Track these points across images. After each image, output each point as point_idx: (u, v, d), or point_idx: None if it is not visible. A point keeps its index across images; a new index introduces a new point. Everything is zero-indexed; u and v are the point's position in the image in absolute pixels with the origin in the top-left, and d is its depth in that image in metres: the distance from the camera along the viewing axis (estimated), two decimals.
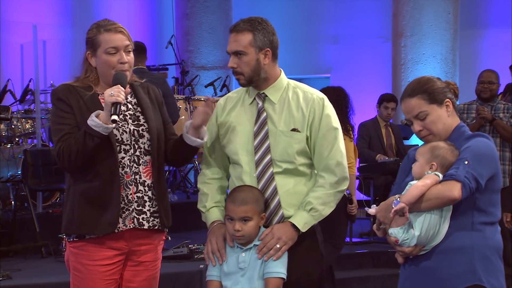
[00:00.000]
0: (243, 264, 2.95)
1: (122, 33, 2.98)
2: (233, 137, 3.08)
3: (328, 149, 3.04)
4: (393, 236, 2.74)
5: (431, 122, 2.82)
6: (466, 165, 2.67)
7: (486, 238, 2.78)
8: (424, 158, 2.78)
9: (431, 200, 2.67)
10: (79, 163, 2.90)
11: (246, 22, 3.03)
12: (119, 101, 2.82)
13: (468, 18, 10.40)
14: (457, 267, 2.73)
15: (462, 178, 2.64)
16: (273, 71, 3.09)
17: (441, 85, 2.87)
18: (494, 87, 6.02)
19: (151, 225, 3.02)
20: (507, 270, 5.94)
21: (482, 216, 2.78)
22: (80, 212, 2.94)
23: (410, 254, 2.76)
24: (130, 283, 3.05)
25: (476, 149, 2.74)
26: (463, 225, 2.75)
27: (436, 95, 2.83)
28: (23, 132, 7.58)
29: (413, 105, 2.83)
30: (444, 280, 2.74)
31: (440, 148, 2.78)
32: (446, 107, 2.84)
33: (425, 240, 2.73)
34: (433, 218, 2.71)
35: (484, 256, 2.77)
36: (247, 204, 2.93)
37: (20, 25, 8.90)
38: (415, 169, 2.80)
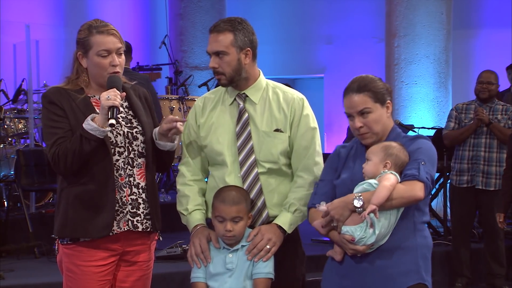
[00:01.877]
0: (231, 265, 2.96)
1: (114, 35, 2.97)
2: (216, 138, 3.08)
3: (306, 149, 3.07)
4: (348, 234, 2.73)
5: (372, 120, 2.86)
6: (424, 166, 2.74)
7: (425, 237, 2.87)
8: (377, 157, 2.79)
9: (396, 200, 2.69)
10: (75, 167, 2.89)
11: (226, 22, 3.05)
12: (115, 105, 2.81)
13: (461, 18, 10.42)
14: (402, 265, 2.77)
15: (424, 179, 2.71)
16: (253, 71, 3.10)
17: (384, 86, 2.93)
18: (493, 88, 6.02)
19: (144, 227, 3.01)
20: (500, 270, 5.99)
21: (421, 215, 2.86)
22: (74, 215, 2.92)
23: (361, 252, 2.75)
24: (123, 283, 3.05)
25: (428, 151, 2.83)
26: (406, 224, 2.80)
27: (380, 95, 2.88)
28: (16, 132, 7.56)
29: (359, 101, 2.87)
30: (390, 278, 2.76)
31: (393, 147, 2.81)
32: (387, 108, 2.90)
33: (381, 239, 2.74)
34: (392, 218, 2.74)
35: (425, 255, 2.85)
36: (239, 204, 2.93)
37: (13, 24, 8.87)
38: (368, 168, 2.80)
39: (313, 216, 2.93)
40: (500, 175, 5.84)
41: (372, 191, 2.72)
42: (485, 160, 5.92)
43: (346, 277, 2.82)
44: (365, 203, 2.69)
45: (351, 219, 2.73)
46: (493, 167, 5.91)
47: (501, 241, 6.00)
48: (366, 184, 2.76)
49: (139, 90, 3.17)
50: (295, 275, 3.12)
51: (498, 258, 5.98)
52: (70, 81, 3.02)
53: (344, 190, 2.85)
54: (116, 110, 2.82)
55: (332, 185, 2.93)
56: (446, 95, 8.90)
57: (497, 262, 5.99)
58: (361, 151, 2.95)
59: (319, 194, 2.95)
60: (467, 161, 5.98)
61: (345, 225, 2.74)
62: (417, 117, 8.64)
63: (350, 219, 2.73)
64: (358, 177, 2.84)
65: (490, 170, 5.91)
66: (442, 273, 6.26)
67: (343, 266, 2.83)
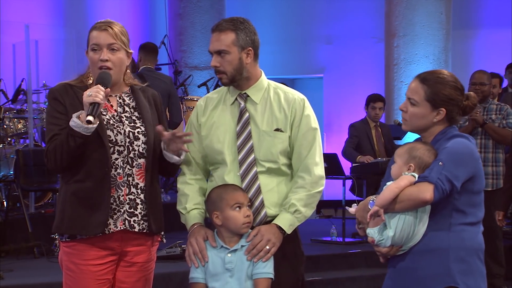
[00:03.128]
0: (230, 265, 2.96)
1: (106, 31, 2.98)
2: (216, 137, 3.09)
3: (307, 149, 3.07)
4: (370, 236, 2.76)
5: (413, 113, 2.84)
6: (440, 167, 2.68)
7: (463, 239, 2.77)
8: (402, 159, 2.80)
9: (404, 202, 2.68)
10: (64, 164, 2.90)
11: (229, 22, 3.05)
12: (96, 101, 2.80)
13: (460, 18, 10.42)
14: (432, 268, 2.74)
15: (434, 180, 2.65)
16: (254, 71, 3.10)
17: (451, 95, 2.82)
18: (485, 89, 6.02)
19: (141, 228, 3.00)
20: (500, 270, 5.99)
21: (461, 217, 2.77)
22: (71, 212, 2.93)
23: (388, 254, 2.77)
24: (123, 283, 3.04)
25: (453, 150, 2.74)
26: (441, 226, 2.75)
27: (437, 98, 2.81)
28: (15, 132, 7.56)
29: (414, 89, 2.84)
30: (420, 280, 2.75)
31: (418, 149, 2.79)
32: (438, 114, 2.82)
33: (400, 241, 2.74)
34: (408, 219, 2.71)
35: (460, 257, 2.75)
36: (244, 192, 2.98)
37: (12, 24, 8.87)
38: (393, 170, 2.81)
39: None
40: (497, 175, 5.85)
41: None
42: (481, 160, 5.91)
43: (390, 278, 2.87)
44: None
45: (374, 221, 2.74)
46: (489, 167, 5.91)
47: (499, 241, 6.00)
48: (385, 186, 2.78)
49: (148, 92, 3.17)
50: (294, 276, 3.12)
51: (497, 258, 5.99)
52: (80, 78, 3.05)
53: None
54: (96, 106, 2.81)
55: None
56: None
57: (496, 262, 5.99)
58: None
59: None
60: None
61: (369, 227, 2.77)
62: None
63: (373, 221, 2.74)
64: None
65: (486, 171, 5.90)
66: None
67: (389, 267, 2.88)
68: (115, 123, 2.99)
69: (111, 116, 3.00)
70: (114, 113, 3.02)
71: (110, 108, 3.03)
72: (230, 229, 2.97)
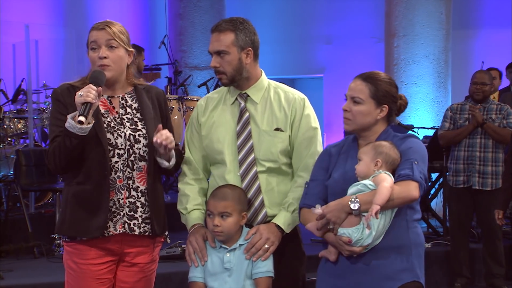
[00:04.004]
0: (229, 265, 2.96)
1: (104, 30, 2.97)
2: (216, 137, 3.09)
3: (307, 149, 3.08)
4: (345, 236, 2.74)
5: (358, 111, 2.89)
6: (417, 166, 2.76)
7: (418, 235, 2.89)
8: (368, 156, 2.81)
9: (394, 200, 2.71)
10: (63, 165, 2.90)
11: (228, 22, 3.06)
12: (88, 101, 2.79)
13: (460, 18, 10.42)
14: (397, 264, 2.79)
15: (418, 178, 2.74)
16: (254, 71, 3.11)
17: (392, 92, 2.93)
18: (486, 88, 6.02)
19: (142, 231, 3.00)
20: (499, 270, 5.99)
21: (413, 214, 2.87)
22: (71, 214, 2.94)
23: (358, 253, 2.76)
24: (124, 283, 3.05)
25: (420, 151, 2.86)
26: (400, 223, 2.82)
27: (381, 95, 2.90)
28: (16, 132, 7.56)
29: (358, 88, 2.91)
30: (385, 277, 2.78)
31: (383, 145, 2.83)
32: (381, 111, 2.91)
33: (376, 239, 2.76)
34: (387, 218, 2.76)
35: (419, 253, 2.87)
36: (227, 200, 2.94)
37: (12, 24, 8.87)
38: (360, 168, 2.82)
39: (305, 216, 2.93)
40: (496, 175, 5.85)
41: (367, 192, 2.73)
42: (480, 160, 5.92)
43: (342, 277, 2.83)
44: (362, 205, 2.70)
45: (347, 221, 2.75)
46: (489, 167, 5.91)
47: (499, 241, 6.00)
48: (360, 185, 2.77)
49: (152, 91, 3.14)
50: (295, 275, 3.12)
51: (497, 258, 5.99)
52: (83, 79, 3.04)
53: (336, 189, 2.86)
54: (88, 106, 2.80)
55: (324, 185, 2.94)
56: (445, 95, 8.90)
57: (496, 262, 5.99)
58: (352, 148, 2.96)
59: (310, 194, 2.95)
60: (463, 161, 5.98)
61: (342, 227, 2.75)
62: (416, 117, 8.64)
63: (346, 221, 2.75)
64: (350, 176, 2.85)
65: (486, 170, 5.91)
66: (441, 273, 6.26)
67: (338, 266, 2.84)
68: (116, 126, 2.98)
69: (112, 119, 2.99)
70: (116, 115, 3.01)
71: (112, 110, 3.02)
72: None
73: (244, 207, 2.98)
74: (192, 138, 3.18)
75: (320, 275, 2.93)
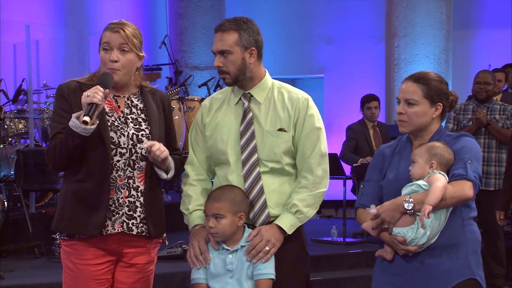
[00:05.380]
0: (231, 266, 2.96)
1: (118, 33, 2.97)
2: (220, 137, 3.08)
3: (310, 149, 3.07)
4: (400, 235, 2.79)
5: (414, 113, 2.93)
6: (470, 165, 2.80)
7: (474, 232, 2.93)
8: (422, 159, 2.85)
9: (448, 200, 2.75)
10: (63, 163, 2.90)
11: (232, 22, 3.05)
12: (94, 102, 2.79)
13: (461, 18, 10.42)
14: (453, 262, 2.83)
15: (472, 177, 2.77)
16: (258, 70, 3.10)
17: (443, 89, 2.97)
18: (490, 88, 6.01)
19: (139, 231, 2.99)
20: (501, 270, 5.99)
21: (468, 212, 2.91)
22: (70, 211, 2.93)
23: (413, 252, 2.82)
24: (122, 284, 3.04)
25: (473, 149, 2.89)
26: (455, 221, 2.86)
27: (434, 94, 2.93)
28: (16, 132, 7.56)
29: (410, 90, 2.94)
30: (441, 275, 2.82)
31: (437, 147, 2.86)
32: (436, 109, 2.94)
33: (432, 238, 2.80)
34: (442, 217, 2.80)
35: (474, 250, 2.90)
36: (220, 202, 2.94)
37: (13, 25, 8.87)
38: (414, 170, 2.86)
39: (361, 217, 3.01)
40: (499, 175, 5.84)
41: (421, 192, 2.77)
42: (484, 160, 5.92)
43: (398, 275, 2.89)
44: (416, 204, 2.75)
45: (401, 221, 2.79)
46: (492, 167, 5.91)
47: (500, 241, 6.00)
48: (414, 186, 2.81)
49: (157, 94, 3.15)
50: (298, 276, 3.10)
51: (498, 258, 5.98)
52: (91, 76, 3.04)
53: (390, 190, 2.91)
54: (94, 107, 2.79)
55: (378, 185, 3.00)
56: None
57: (497, 262, 5.99)
58: (405, 148, 3.01)
59: (366, 194, 3.03)
60: None
61: (396, 227, 2.80)
62: None
63: (400, 220, 2.79)
64: (404, 177, 2.89)
65: (489, 170, 5.91)
66: None
67: (394, 265, 2.90)
68: (120, 125, 2.98)
69: (116, 118, 2.99)
70: (120, 114, 3.01)
71: (117, 109, 3.02)
72: None
73: (240, 208, 2.96)
74: (196, 139, 3.18)
75: (376, 273, 3.00)
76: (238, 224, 2.96)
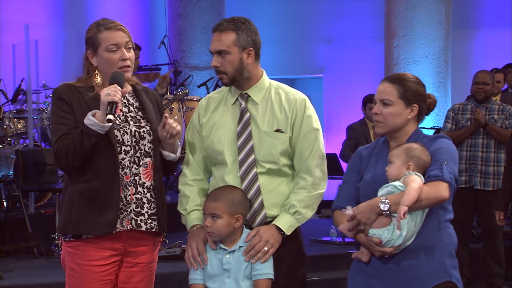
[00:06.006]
0: (228, 266, 2.96)
1: (122, 31, 2.99)
2: (217, 138, 3.08)
3: (308, 150, 3.06)
4: (376, 237, 2.77)
5: (389, 114, 2.92)
6: (446, 166, 2.78)
7: (450, 235, 2.91)
8: (400, 160, 2.83)
9: (423, 201, 2.74)
10: (76, 163, 2.89)
11: (230, 22, 3.05)
12: (115, 101, 2.82)
13: (460, 18, 10.42)
14: (429, 264, 2.82)
15: (448, 179, 2.76)
16: (255, 71, 3.10)
17: (420, 91, 2.96)
18: (488, 88, 6.01)
19: (148, 227, 3.00)
20: (499, 270, 5.99)
21: (444, 213, 2.89)
22: (78, 212, 2.92)
23: (389, 254, 2.79)
24: (125, 284, 3.04)
25: (449, 151, 2.88)
26: (432, 223, 2.84)
27: (409, 95, 2.92)
28: (15, 132, 7.56)
29: (386, 90, 2.94)
30: (418, 277, 2.81)
31: (415, 148, 2.84)
32: (411, 110, 2.93)
33: (407, 240, 2.78)
34: (418, 218, 2.78)
35: (450, 252, 2.89)
36: (217, 202, 2.94)
37: (12, 25, 8.87)
38: (391, 171, 2.84)
39: (337, 218, 3.00)
40: (498, 175, 5.85)
41: (397, 193, 2.76)
42: (482, 160, 5.92)
43: (374, 277, 2.87)
44: (392, 206, 2.73)
45: (378, 222, 2.78)
46: (491, 167, 5.91)
47: (500, 241, 6.00)
48: (390, 187, 2.80)
49: (149, 92, 3.17)
50: (295, 276, 3.11)
51: (497, 258, 5.99)
52: (82, 80, 3.03)
53: (367, 191, 2.89)
54: (115, 105, 2.82)
55: (356, 187, 2.98)
56: (445, 95, 8.90)
57: (496, 262, 5.99)
58: (383, 150, 3.00)
59: (343, 197, 3.01)
60: (465, 161, 5.98)
61: (372, 228, 2.78)
62: None
63: (377, 222, 2.78)
64: (381, 178, 2.88)
65: (488, 170, 5.91)
66: None
67: (370, 267, 2.88)
68: (121, 123, 2.99)
69: (117, 116, 3.00)
70: (120, 113, 3.02)
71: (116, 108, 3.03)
72: None
73: (238, 209, 2.96)
74: (193, 139, 3.18)
75: (352, 275, 2.98)
76: (234, 226, 2.96)
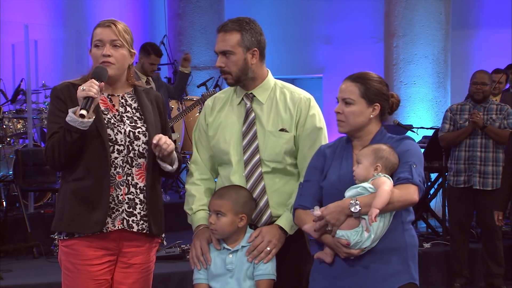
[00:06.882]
0: (231, 266, 2.97)
1: (110, 28, 2.99)
2: (223, 137, 3.09)
3: (312, 149, 3.06)
4: (344, 238, 2.73)
5: (351, 112, 2.89)
6: (415, 169, 2.77)
7: (413, 236, 2.90)
8: (368, 160, 2.80)
9: (394, 203, 2.72)
10: (63, 160, 2.90)
11: (234, 22, 3.05)
12: (90, 95, 2.80)
13: (460, 18, 10.42)
14: (393, 266, 2.80)
15: (417, 182, 2.75)
16: (260, 71, 3.10)
17: (383, 90, 2.93)
18: (486, 88, 6.01)
19: (140, 229, 3.00)
20: (499, 270, 5.99)
21: (407, 215, 2.88)
22: (70, 210, 2.93)
23: (355, 255, 2.76)
24: (121, 285, 3.04)
25: (417, 153, 2.86)
26: (395, 225, 2.82)
27: (371, 93, 2.89)
28: (15, 132, 7.56)
29: (348, 89, 2.90)
30: (382, 279, 2.79)
31: (383, 150, 2.82)
32: (373, 109, 2.90)
33: (374, 242, 2.75)
34: (386, 221, 2.76)
35: (413, 254, 2.88)
36: (223, 199, 2.96)
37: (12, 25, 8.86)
38: (359, 171, 2.81)
39: (300, 217, 2.91)
40: (497, 175, 5.85)
41: (367, 195, 2.73)
42: (481, 160, 5.92)
43: (338, 279, 2.83)
44: (362, 207, 2.70)
45: (346, 224, 2.74)
46: (489, 167, 5.91)
47: (499, 241, 6.00)
48: (360, 188, 2.76)
49: (151, 94, 3.16)
50: (300, 275, 3.11)
51: (496, 258, 5.99)
52: (83, 78, 3.04)
53: (332, 191, 2.85)
54: (90, 100, 2.81)
55: (319, 186, 2.92)
56: (444, 95, 8.90)
57: (496, 262, 5.99)
58: (346, 149, 2.96)
59: (306, 195, 2.93)
60: (464, 161, 5.98)
61: (340, 229, 2.74)
62: (415, 117, 8.64)
63: (345, 223, 2.74)
64: (347, 178, 2.84)
65: (487, 170, 5.91)
66: (440, 273, 6.26)
67: (334, 268, 2.83)
68: (116, 122, 2.99)
69: (112, 116, 3.00)
70: (116, 112, 3.02)
71: (112, 108, 3.03)
72: None
73: (243, 209, 2.97)
74: (200, 138, 3.19)
75: (314, 276, 2.93)
76: (238, 225, 2.96)
